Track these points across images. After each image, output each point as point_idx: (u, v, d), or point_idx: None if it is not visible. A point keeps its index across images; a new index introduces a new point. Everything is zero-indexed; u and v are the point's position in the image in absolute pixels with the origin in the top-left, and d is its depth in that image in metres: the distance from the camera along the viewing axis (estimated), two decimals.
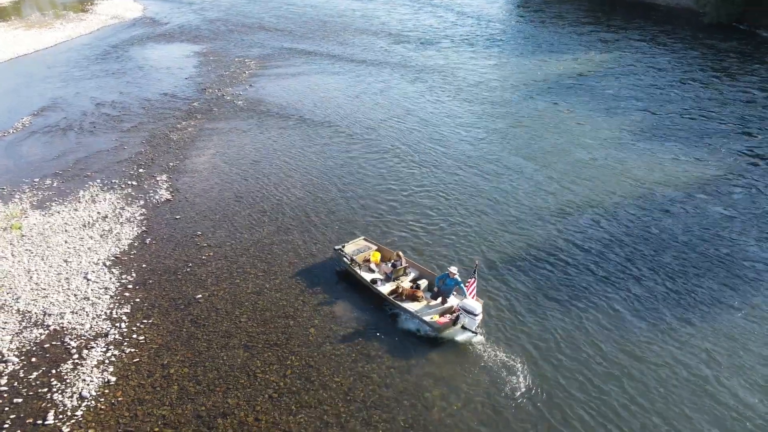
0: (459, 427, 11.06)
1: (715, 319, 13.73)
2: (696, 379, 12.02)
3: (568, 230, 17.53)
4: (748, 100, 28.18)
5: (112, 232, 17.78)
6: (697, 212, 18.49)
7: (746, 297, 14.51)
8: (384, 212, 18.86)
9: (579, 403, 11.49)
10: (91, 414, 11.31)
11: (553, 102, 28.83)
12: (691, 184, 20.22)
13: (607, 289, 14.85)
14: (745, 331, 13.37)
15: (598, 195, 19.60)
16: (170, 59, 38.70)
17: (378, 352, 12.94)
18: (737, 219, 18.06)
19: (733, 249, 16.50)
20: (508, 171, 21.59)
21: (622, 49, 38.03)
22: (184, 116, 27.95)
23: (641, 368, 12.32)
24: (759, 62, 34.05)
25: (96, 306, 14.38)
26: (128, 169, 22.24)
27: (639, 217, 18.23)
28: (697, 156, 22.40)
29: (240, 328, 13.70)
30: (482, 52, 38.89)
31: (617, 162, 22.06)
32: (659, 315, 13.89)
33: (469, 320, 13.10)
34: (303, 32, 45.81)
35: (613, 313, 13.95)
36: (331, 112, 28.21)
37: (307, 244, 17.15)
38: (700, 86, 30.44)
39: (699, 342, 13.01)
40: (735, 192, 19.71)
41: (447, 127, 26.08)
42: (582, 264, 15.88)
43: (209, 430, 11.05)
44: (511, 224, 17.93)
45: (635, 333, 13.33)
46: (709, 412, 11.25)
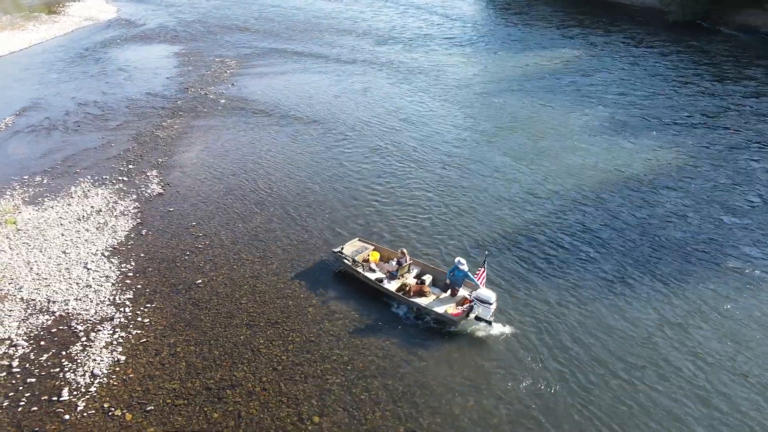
0: (454, 390, 11.96)
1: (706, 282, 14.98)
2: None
3: (552, 217, 18.65)
4: (711, 94, 29.88)
5: (108, 224, 18.21)
6: (670, 196, 19.83)
7: (710, 270, 15.81)
8: (369, 206, 19.68)
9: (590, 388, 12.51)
10: (104, 389, 11.88)
11: (531, 98, 30.07)
12: (659, 171, 21.58)
13: (600, 267, 15.98)
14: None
15: (577, 182, 20.80)
16: (150, 60, 38.84)
17: (374, 328, 13.76)
18: (705, 200, 19.45)
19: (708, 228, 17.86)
20: (489, 165, 22.66)
21: (593, 46, 39.64)
22: (169, 114, 28.33)
23: (627, 338, 13.44)
24: (721, 58, 35.97)
25: (99, 293, 14.87)
26: (117, 165, 22.61)
27: (616, 203, 19.46)
28: (663, 145, 23.83)
29: (241, 309, 14.38)
30: (461, 51, 40.06)
31: (594, 153, 23.33)
32: (644, 284, 15.06)
33: (483, 309, 13.35)
34: (282, 33, 46.35)
35: (598, 288, 15.07)
36: (315, 110, 28.92)
37: (299, 231, 17.87)
38: (666, 81, 32.09)
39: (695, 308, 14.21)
40: (700, 177, 21.13)
41: (429, 123, 27.06)
42: (570, 246, 16.99)
43: (219, 400, 11.73)
44: (494, 214, 18.96)
45: (623, 309, 14.46)
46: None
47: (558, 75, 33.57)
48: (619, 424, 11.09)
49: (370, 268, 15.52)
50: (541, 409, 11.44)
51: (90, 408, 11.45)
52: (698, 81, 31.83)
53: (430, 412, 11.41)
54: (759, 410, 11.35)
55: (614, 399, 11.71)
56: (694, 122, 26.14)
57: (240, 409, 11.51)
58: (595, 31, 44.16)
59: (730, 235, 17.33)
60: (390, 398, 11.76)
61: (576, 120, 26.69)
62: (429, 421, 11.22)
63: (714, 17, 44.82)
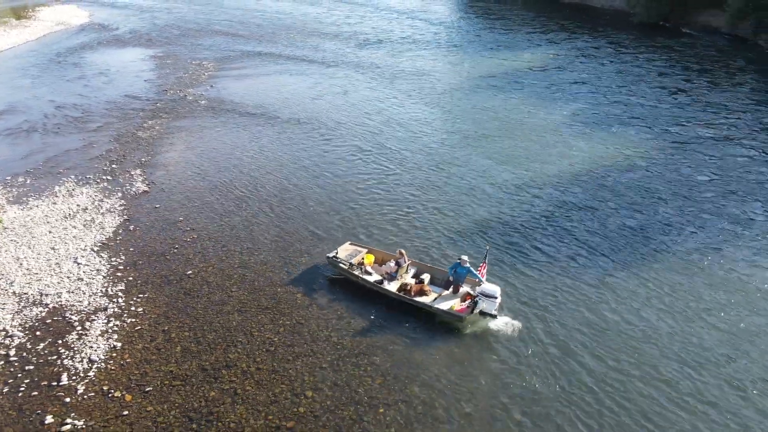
0: (439, 362, 12.71)
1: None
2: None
3: (535, 209, 19.61)
4: (673, 90, 31.43)
5: (95, 221, 18.50)
6: (639, 182, 21.01)
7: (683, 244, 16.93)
8: (350, 200, 20.36)
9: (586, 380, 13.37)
10: (102, 374, 12.29)
11: (508, 97, 31.17)
12: (629, 162, 22.80)
13: (590, 252, 16.96)
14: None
15: (556, 175, 21.85)
16: (126, 63, 38.86)
17: (361, 310, 14.42)
18: (673, 185, 20.68)
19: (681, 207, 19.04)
20: (470, 162, 23.57)
21: (564, 48, 41.10)
22: (149, 116, 28.56)
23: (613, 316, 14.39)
24: (684, 57, 37.73)
25: (91, 285, 15.21)
26: (101, 165, 22.83)
27: (595, 194, 20.54)
28: (628, 137, 25.10)
29: (232, 297, 14.90)
30: (438, 53, 41.09)
31: (568, 145, 24.46)
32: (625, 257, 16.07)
33: (488, 304, 13.63)
34: (257, 36, 46.77)
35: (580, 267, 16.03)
36: (295, 111, 29.49)
37: (284, 223, 18.45)
38: (631, 78, 33.58)
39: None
40: (666, 165, 22.40)
41: (409, 124, 27.89)
42: (558, 236, 17.94)
43: (215, 380, 12.25)
44: (479, 210, 19.82)
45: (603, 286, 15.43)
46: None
47: (532, 75, 34.79)
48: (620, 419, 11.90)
49: (366, 271, 15.37)
50: (537, 403, 11.98)
51: (90, 391, 11.85)
52: (662, 78, 33.39)
53: (417, 383, 12.13)
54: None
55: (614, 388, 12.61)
56: (660, 117, 27.53)
57: (236, 387, 12.05)
58: (565, 33, 45.69)
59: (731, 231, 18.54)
60: (378, 372, 12.44)
61: (550, 117, 27.84)
62: (417, 391, 11.93)
63: (676, 18, 46.85)
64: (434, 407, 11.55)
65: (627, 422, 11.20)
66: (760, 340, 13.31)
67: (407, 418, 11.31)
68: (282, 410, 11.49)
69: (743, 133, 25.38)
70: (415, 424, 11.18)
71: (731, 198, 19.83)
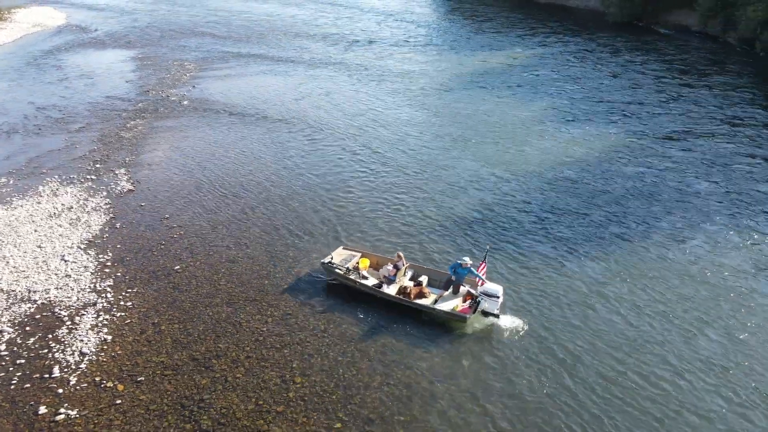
0: (421, 343, 13.20)
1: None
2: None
3: (519, 201, 20.24)
4: (646, 86, 32.43)
5: (81, 220, 18.62)
6: (614, 174, 21.77)
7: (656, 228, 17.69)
8: (334, 198, 20.79)
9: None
10: (94, 365, 12.53)
11: (486, 94, 31.87)
12: (601, 153, 23.59)
13: (574, 240, 17.59)
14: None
15: (533, 170, 22.53)
16: (106, 64, 38.69)
17: (346, 300, 14.85)
18: (647, 175, 21.49)
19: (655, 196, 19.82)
20: (453, 160, 24.13)
21: (541, 46, 42.00)
22: (132, 116, 28.61)
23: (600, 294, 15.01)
24: (654, 54, 38.87)
25: (79, 282, 15.39)
26: (84, 165, 22.89)
27: (578, 184, 21.24)
28: (604, 131, 25.94)
29: (220, 290, 15.21)
30: (417, 52, 41.67)
31: (547, 142, 25.19)
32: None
33: (490, 303, 13.74)
34: (237, 36, 46.85)
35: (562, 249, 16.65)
36: (278, 111, 29.79)
37: (270, 220, 18.78)
38: (605, 76, 34.55)
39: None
40: (638, 158, 23.24)
41: (389, 123, 28.38)
42: (548, 227, 18.56)
43: (206, 368, 12.57)
44: (465, 207, 20.38)
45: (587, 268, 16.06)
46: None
47: (510, 74, 35.55)
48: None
49: (362, 276, 15.20)
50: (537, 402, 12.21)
51: (82, 382, 12.08)
52: (635, 75, 34.40)
53: (401, 367, 12.60)
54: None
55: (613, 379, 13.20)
56: (633, 111, 28.44)
57: (227, 375, 12.39)
58: (542, 31, 46.65)
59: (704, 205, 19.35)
60: (364, 358, 12.88)
61: (528, 114, 28.58)
62: (401, 373, 12.39)
63: (649, 17, 48.14)
64: (419, 388, 12.03)
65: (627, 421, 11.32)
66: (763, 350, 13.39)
67: (392, 399, 11.76)
68: (272, 395, 11.86)
69: (714, 125, 26.37)
70: (399, 404, 11.64)
71: (713, 187, 20.70)
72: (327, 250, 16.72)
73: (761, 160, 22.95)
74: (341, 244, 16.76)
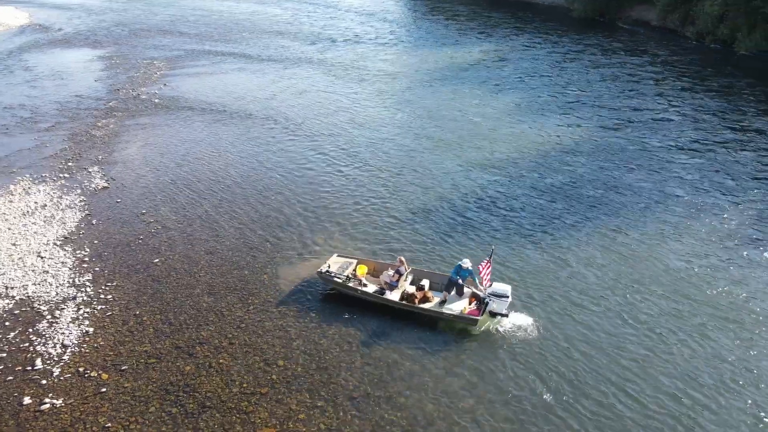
0: (404, 334, 13.69)
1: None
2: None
3: (499, 193, 20.88)
4: (608, 78, 33.60)
5: (55, 217, 18.55)
6: (581, 163, 22.64)
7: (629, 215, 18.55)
8: (310, 191, 21.14)
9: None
10: (77, 357, 12.65)
11: (455, 90, 32.54)
12: (567, 141, 24.48)
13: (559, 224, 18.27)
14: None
15: (507, 157, 23.24)
16: (74, 63, 38.13)
17: (324, 287, 15.22)
18: (614, 163, 22.40)
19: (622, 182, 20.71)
20: (425, 157, 24.65)
21: (508, 41, 42.98)
22: (103, 115, 28.38)
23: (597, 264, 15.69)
24: (616, 48, 40.19)
25: (57, 277, 15.41)
26: (56, 163, 22.70)
27: (532, 172, 22.01)
28: (571, 123, 26.88)
29: (200, 281, 15.43)
30: (385, 48, 42.18)
31: (520, 130, 25.96)
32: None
33: (498, 304, 13.50)
34: (210, 35, 46.60)
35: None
36: (251, 108, 29.88)
37: (248, 211, 19.03)
38: (570, 69, 35.62)
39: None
40: (609, 146, 24.19)
41: (362, 120, 28.79)
42: (527, 210, 19.22)
43: (189, 356, 12.82)
44: (447, 203, 20.93)
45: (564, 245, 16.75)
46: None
47: (479, 69, 36.35)
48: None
49: (361, 283, 14.74)
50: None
51: (66, 372, 12.21)
52: (597, 68, 35.56)
53: (381, 348, 13.07)
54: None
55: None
56: (598, 102, 29.48)
57: (210, 361, 12.67)
58: (509, 27, 47.69)
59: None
60: (344, 340, 13.31)
61: (495, 108, 29.36)
62: (380, 354, 12.87)
63: (612, 13, 49.62)
64: (397, 367, 12.51)
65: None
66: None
67: (373, 378, 12.22)
68: (256, 378, 12.19)
69: (672, 114, 27.57)
70: (380, 382, 12.10)
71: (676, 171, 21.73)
72: (304, 242, 17.08)
73: (720, 146, 24.13)
74: (335, 252, 16.08)
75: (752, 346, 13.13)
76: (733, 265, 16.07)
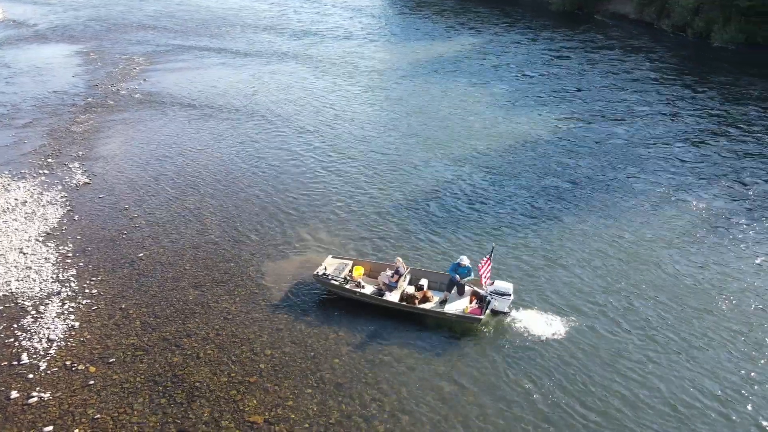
0: (390, 326, 13.94)
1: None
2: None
3: (477, 178, 21.19)
4: (583, 71, 34.15)
5: (36, 213, 18.41)
6: (558, 149, 23.07)
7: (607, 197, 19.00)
8: (292, 185, 21.25)
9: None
10: (63, 351, 12.67)
11: (437, 83, 32.78)
12: (548, 133, 24.92)
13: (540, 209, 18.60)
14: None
15: (489, 151, 23.58)
16: (51, 59, 37.51)
17: (310, 274, 15.37)
18: (593, 149, 22.88)
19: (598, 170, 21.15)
20: (408, 150, 24.85)
21: (488, 34, 43.32)
22: (82, 111, 28.06)
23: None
24: (593, 40, 40.81)
25: (40, 273, 15.35)
26: (35, 160, 22.45)
27: (513, 165, 22.38)
28: (549, 113, 27.33)
29: (186, 274, 15.50)
30: (367, 42, 42.22)
31: (503, 122, 26.30)
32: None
33: (501, 302, 13.46)
34: (185, 30, 46.12)
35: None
36: (233, 103, 29.71)
37: (231, 207, 19.08)
38: (549, 60, 36.10)
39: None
40: (586, 134, 24.67)
41: (347, 114, 28.88)
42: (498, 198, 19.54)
43: (177, 347, 12.91)
44: (431, 197, 21.15)
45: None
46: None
47: (457, 60, 36.63)
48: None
49: (358, 284, 14.47)
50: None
51: (53, 366, 12.23)
52: (575, 60, 36.11)
53: (365, 334, 13.31)
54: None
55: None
56: (576, 95, 29.99)
57: (198, 352, 12.78)
58: (488, 20, 48.03)
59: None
60: (330, 329, 13.52)
61: (479, 97, 29.68)
62: (365, 340, 13.11)
63: (589, 6, 50.25)
64: (384, 352, 12.76)
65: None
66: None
67: (359, 364, 12.45)
68: (243, 368, 12.35)
69: (647, 103, 28.18)
70: (366, 370, 12.33)
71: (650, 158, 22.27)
72: (289, 236, 17.20)
73: (695, 132, 24.76)
74: (330, 253, 15.81)
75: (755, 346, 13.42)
76: (721, 256, 16.62)
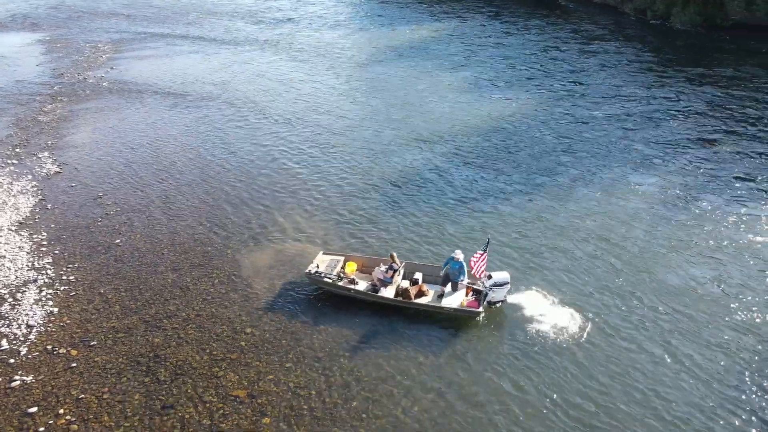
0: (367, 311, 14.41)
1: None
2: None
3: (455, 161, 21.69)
4: (553, 57, 34.93)
5: (7, 203, 18.26)
6: (533, 129, 23.75)
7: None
8: (264, 171, 21.46)
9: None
10: (43, 336, 12.81)
11: (408, 68, 33.07)
12: (522, 114, 25.58)
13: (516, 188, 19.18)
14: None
15: (460, 129, 24.11)
16: (12, 48, 36.64)
17: (288, 257, 15.73)
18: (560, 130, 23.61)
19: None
20: (379, 135, 25.22)
21: (460, 20, 43.72)
22: (48, 100, 27.61)
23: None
24: (557, 25, 41.62)
25: (15, 262, 15.34)
26: (2, 150, 22.15)
27: (493, 139, 22.98)
28: (521, 95, 28.00)
29: (164, 258, 15.68)
30: (339, 29, 42.19)
31: (473, 105, 26.84)
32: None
33: (498, 293, 13.27)
34: (154, 18, 45.39)
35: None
36: (203, 90, 29.59)
37: (207, 190, 19.23)
38: (517, 45, 36.76)
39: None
40: (555, 115, 25.41)
41: (320, 102, 29.02)
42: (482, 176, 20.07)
43: (158, 329, 13.17)
44: (408, 184, 21.59)
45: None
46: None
47: (431, 44, 37.00)
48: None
49: (352, 281, 14.13)
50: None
51: (34, 351, 12.37)
52: (539, 44, 36.87)
53: (344, 313, 13.76)
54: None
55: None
56: (541, 76, 30.72)
57: (179, 332, 13.06)
58: (461, 6, 48.42)
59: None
60: (309, 307, 13.93)
61: (452, 81, 30.14)
62: (343, 316, 13.56)
63: None
64: (362, 326, 13.23)
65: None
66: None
67: (337, 338, 12.91)
68: (225, 346, 12.69)
69: (607, 86, 29.10)
70: (347, 344, 12.80)
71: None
72: (265, 221, 17.40)
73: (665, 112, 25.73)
74: (321, 250, 15.46)
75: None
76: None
